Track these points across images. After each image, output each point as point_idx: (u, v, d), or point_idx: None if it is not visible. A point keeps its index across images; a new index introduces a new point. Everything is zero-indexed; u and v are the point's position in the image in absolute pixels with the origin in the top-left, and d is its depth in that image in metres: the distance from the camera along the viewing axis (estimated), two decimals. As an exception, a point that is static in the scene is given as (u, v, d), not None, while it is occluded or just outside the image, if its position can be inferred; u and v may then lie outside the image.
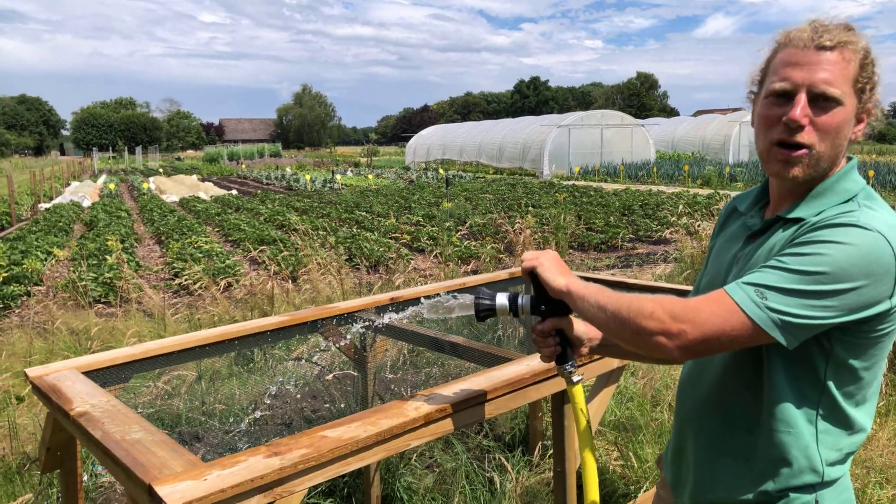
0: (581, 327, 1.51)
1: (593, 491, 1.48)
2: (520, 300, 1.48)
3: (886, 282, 1.13)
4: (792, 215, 1.23)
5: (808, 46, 1.18)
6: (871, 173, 20.09)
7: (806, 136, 1.18)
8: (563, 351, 1.47)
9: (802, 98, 1.17)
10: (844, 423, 1.26)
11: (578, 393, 1.48)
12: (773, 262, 1.17)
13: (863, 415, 1.28)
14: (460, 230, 11.05)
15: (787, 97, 1.19)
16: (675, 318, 1.15)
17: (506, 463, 3.13)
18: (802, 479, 1.26)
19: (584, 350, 1.53)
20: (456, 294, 1.55)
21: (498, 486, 3.06)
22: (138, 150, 59.20)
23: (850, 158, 1.28)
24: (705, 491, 1.36)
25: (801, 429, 1.24)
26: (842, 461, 1.28)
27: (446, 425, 1.74)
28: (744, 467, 1.30)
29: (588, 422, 1.48)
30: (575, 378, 1.48)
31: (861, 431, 1.28)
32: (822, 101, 1.17)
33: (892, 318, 1.17)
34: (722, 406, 1.29)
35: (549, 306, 1.45)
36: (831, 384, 1.23)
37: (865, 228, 1.12)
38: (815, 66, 1.17)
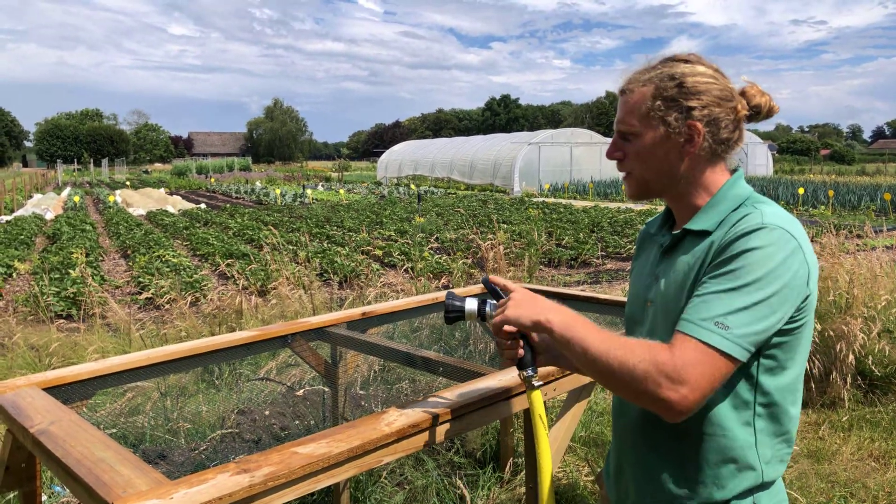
0: (543, 336, 1.55)
1: (547, 494, 1.50)
2: (487, 306, 1.54)
3: (802, 271, 1.24)
4: (696, 227, 1.34)
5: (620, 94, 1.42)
6: (832, 193, 20.64)
7: (622, 166, 1.43)
8: (526, 355, 1.51)
9: (615, 137, 1.42)
10: (778, 419, 1.31)
11: (538, 399, 1.50)
12: (710, 287, 1.21)
13: (793, 410, 1.33)
14: (432, 245, 11.05)
15: None
16: (671, 380, 1.16)
17: (477, 480, 3.11)
18: (743, 483, 1.29)
19: (544, 360, 1.58)
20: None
21: (469, 502, 3.03)
22: (104, 162, 58.18)
23: (735, 170, 1.41)
24: (648, 501, 1.39)
25: (736, 432, 1.28)
26: (778, 461, 1.33)
27: (419, 441, 1.73)
28: (680, 476, 1.33)
29: (546, 427, 1.50)
30: (535, 383, 1.50)
31: (792, 430, 1.34)
32: (626, 135, 1.39)
33: (808, 305, 1.28)
34: (654, 418, 1.30)
35: None
36: (764, 381, 1.28)
37: (770, 227, 1.23)
38: (618, 109, 1.42)
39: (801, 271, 1.23)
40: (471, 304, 1.54)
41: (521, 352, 1.50)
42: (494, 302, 1.53)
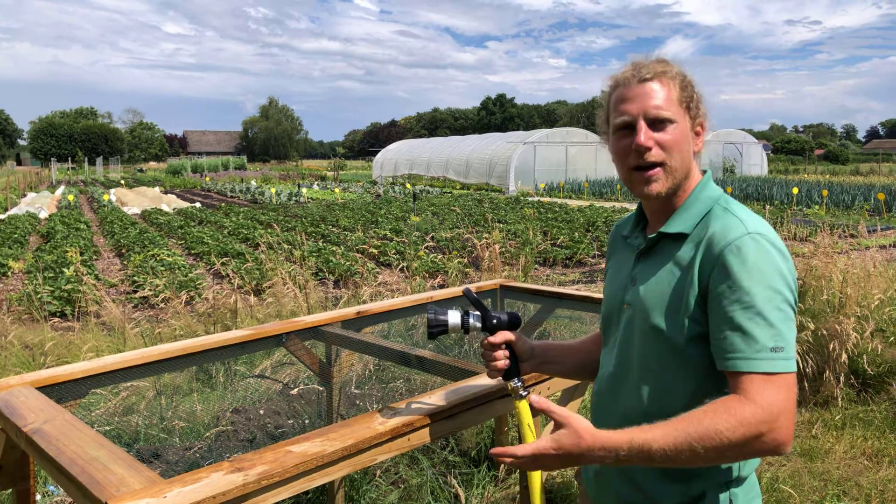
0: (527, 345, 1.56)
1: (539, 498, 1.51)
2: (470, 318, 1.52)
3: (793, 270, 1.30)
4: (672, 230, 1.36)
5: (633, 82, 1.36)
6: (826, 193, 20.71)
7: (655, 156, 1.34)
8: (511, 366, 1.50)
9: (643, 125, 1.34)
10: None
11: (525, 408, 1.50)
12: (737, 316, 1.22)
13: None
14: (427, 244, 11.05)
15: (630, 128, 1.36)
16: (768, 422, 1.17)
17: (472, 478, 3.12)
18: (721, 478, 1.33)
19: (529, 367, 1.58)
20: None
21: (463, 501, 3.04)
22: (99, 160, 58.06)
23: (704, 172, 1.44)
24: (629, 501, 1.41)
25: None
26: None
27: (413, 440, 1.73)
28: (660, 473, 1.35)
29: (535, 435, 1.50)
30: (522, 392, 1.50)
31: None
32: (658, 123, 1.34)
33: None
34: (631, 418, 1.31)
35: (499, 322, 1.51)
36: None
37: (753, 235, 1.27)
38: (644, 96, 1.34)
39: (792, 270, 1.29)
40: (454, 318, 1.52)
41: (507, 362, 1.50)
42: (477, 313, 1.52)
